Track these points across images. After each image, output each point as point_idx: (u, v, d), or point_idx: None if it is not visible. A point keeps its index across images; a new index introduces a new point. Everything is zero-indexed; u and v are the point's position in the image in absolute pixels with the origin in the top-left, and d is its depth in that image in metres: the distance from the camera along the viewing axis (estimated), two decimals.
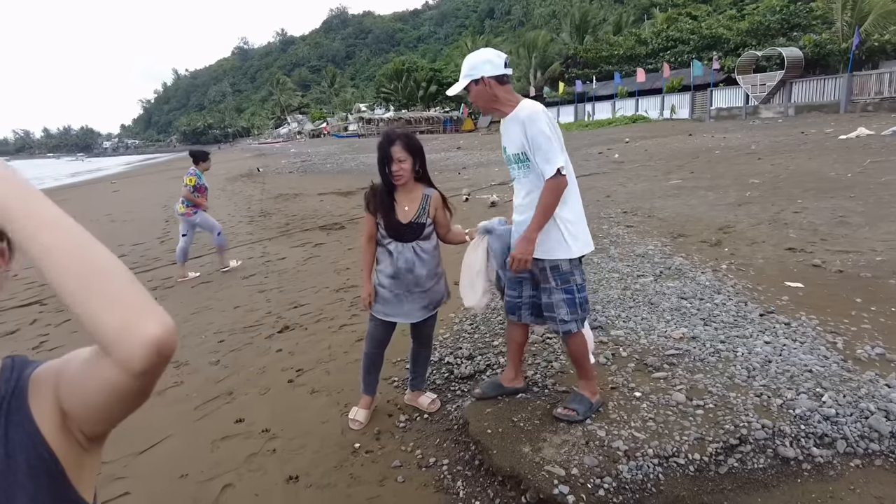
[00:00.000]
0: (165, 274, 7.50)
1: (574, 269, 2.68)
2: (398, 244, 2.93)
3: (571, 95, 41.87)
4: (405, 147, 2.88)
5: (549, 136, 2.49)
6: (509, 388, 3.07)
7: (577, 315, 2.70)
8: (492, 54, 2.67)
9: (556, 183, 2.50)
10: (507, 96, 2.67)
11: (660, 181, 10.90)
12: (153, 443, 3.25)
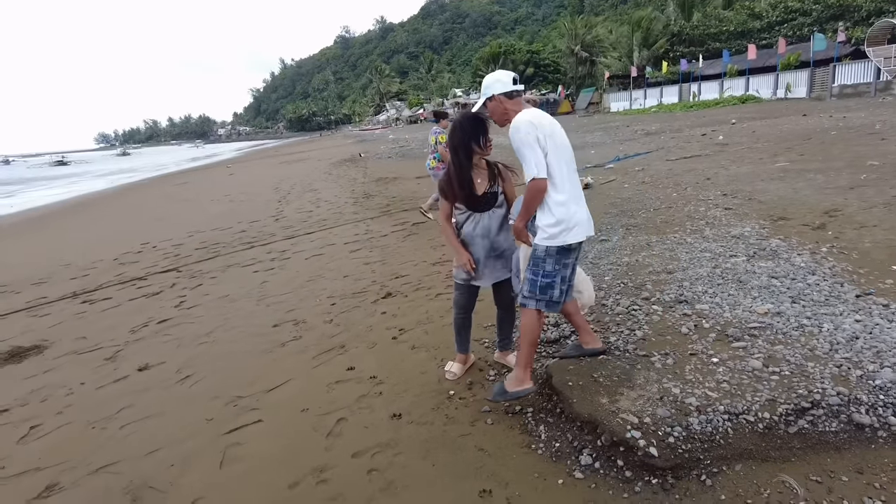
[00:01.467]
0: (282, 248, 8.33)
1: (547, 258, 2.94)
2: (476, 214, 3.28)
3: (675, 75, 39.96)
4: (483, 132, 3.25)
5: (521, 148, 2.81)
6: (588, 350, 3.35)
7: (534, 295, 2.99)
8: (501, 75, 3.01)
9: (530, 188, 2.82)
10: (515, 109, 2.95)
11: (765, 164, 10.43)
12: (279, 384, 3.84)
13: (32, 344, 5.30)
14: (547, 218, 2.90)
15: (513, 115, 2.93)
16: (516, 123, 2.84)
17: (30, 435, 3.61)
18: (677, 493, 2.40)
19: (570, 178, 2.94)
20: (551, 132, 2.87)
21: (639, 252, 5.51)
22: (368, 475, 2.75)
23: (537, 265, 2.96)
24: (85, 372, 4.52)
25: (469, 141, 3.19)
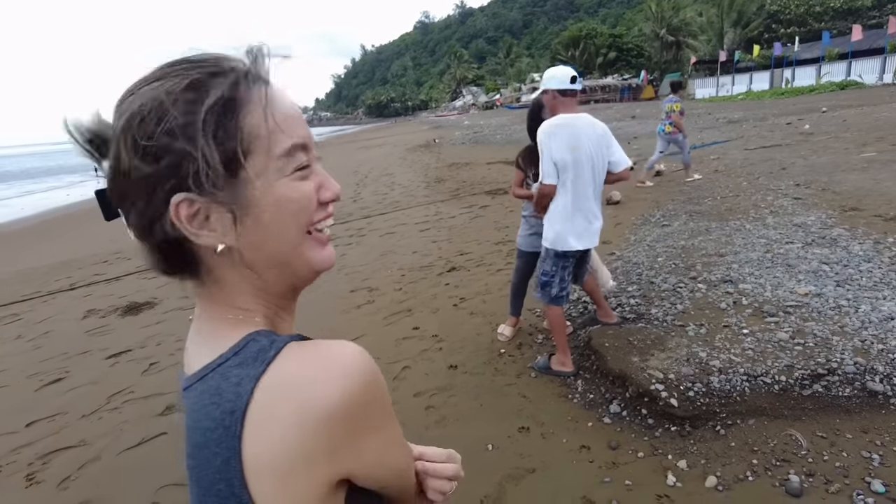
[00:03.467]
0: (359, 226, 8.99)
1: (548, 259, 3.31)
2: None
3: (768, 60, 37.75)
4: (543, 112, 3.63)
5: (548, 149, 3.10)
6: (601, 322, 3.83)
7: (538, 291, 3.38)
8: (559, 71, 3.22)
9: (539, 188, 3.20)
10: (562, 109, 3.20)
11: (849, 154, 10.05)
12: (354, 337, 4.40)
13: (145, 300, 6.16)
14: (549, 224, 3.27)
15: (558, 113, 3.21)
16: (541, 127, 3.15)
17: (150, 370, 4.35)
18: (692, 439, 2.72)
19: (584, 191, 3.17)
20: (577, 145, 3.08)
21: (696, 237, 5.68)
22: (426, 410, 3.24)
23: (541, 264, 3.39)
24: (189, 324, 5.27)
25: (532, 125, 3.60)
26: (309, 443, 0.52)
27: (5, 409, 3.96)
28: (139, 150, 0.54)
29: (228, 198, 0.57)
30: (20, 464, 3.23)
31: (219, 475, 0.54)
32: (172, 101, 0.54)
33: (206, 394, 0.56)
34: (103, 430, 3.50)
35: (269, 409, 0.52)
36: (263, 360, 0.55)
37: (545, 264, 3.34)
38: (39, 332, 5.54)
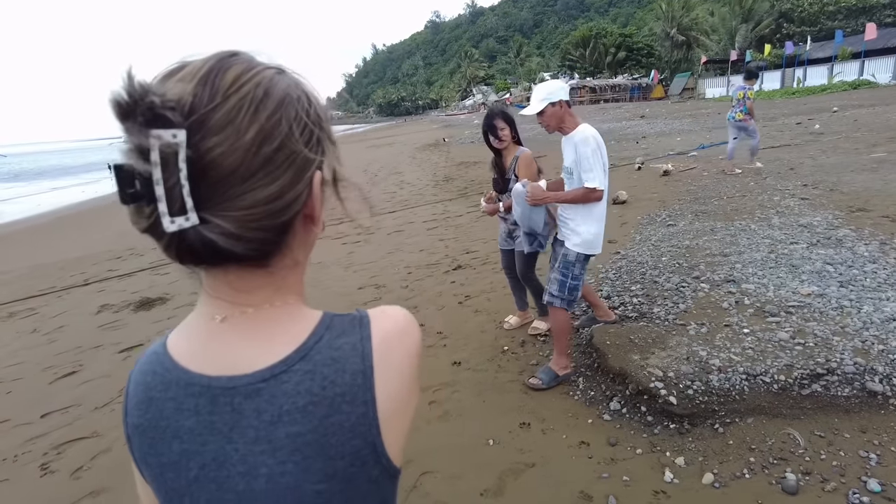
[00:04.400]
0: (367, 223, 9.05)
1: (577, 263, 3.24)
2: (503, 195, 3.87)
3: (779, 59, 37.46)
4: (503, 119, 3.73)
5: (591, 158, 3.05)
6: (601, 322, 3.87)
7: (562, 295, 3.25)
8: (563, 83, 3.26)
9: (587, 192, 3.09)
10: (571, 119, 3.20)
11: (859, 154, 10.01)
12: None
13: (157, 296, 6.27)
14: (590, 227, 3.21)
15: (569, 124, 3.19)
16: (586, 135, 3.10)
17: None
18: (691, 437, 2.76)
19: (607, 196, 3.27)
20: (604, 151, 3.17)
21: (701, 236, 5.70)
22: (430, 405, 3.30)
23: (567, 268, 3.25)
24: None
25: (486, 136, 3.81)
26: (415, 377, 0.66)
27: (21, 400, 4.06)
28: (300, 131, 0.57)
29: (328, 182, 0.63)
30: (35, 454, 3.32)
31: (352, 433, 0.59)
32: (309, 92, 0.60)
33: (321, 368, 0.60)
34: (115, 422, 3.59)
35: (386, 359, 0.62)
36: (363, 325, 0.64)
37: (574, 269, 3.24)
38: (54, 327, 5.65)
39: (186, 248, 0.54)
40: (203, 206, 0.52)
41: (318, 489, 0.59)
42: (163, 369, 0.63)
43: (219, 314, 0.62)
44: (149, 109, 0.48)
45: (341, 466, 0.59)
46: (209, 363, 0.61)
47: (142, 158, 0.49)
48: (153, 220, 0.52)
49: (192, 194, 0.51)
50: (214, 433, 0.59)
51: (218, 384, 0.60)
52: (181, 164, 0.50)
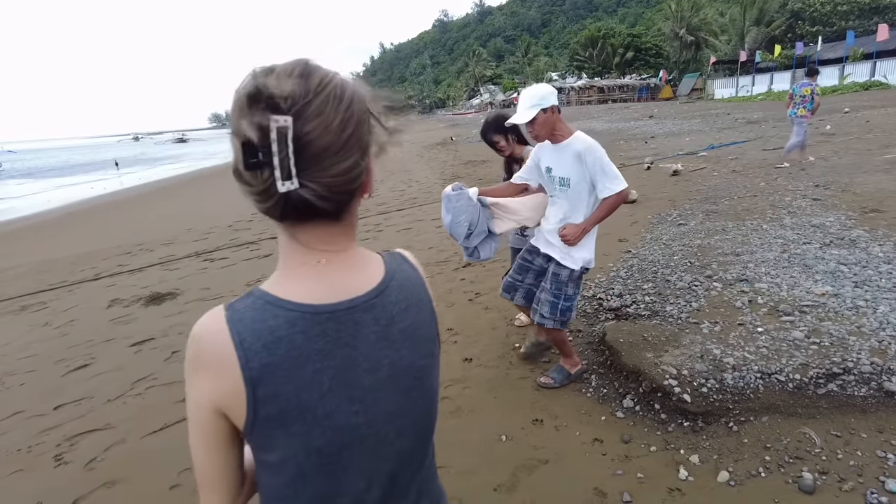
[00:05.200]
0: (376, 222, 9.08)
1: (570, 283, 3.02)
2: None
3: (789, 60, 37.21)
4: (495, 130, 3.56)
5: (607, 161, 2.86)
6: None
7: (554, 318, 3.05)
8: (551, 88, 2.95)
9: (619, 197, 2.88)
10: (562, 125, 2.95)
11: (872, 155, 9.92)
12: None
13: (167, 291, 6.29)
14: (590, 242, 3.04)
15: (562, 131, 2.95)
16: (589, 143, 2.90)
17: (172, 358, 4.46)
18: (704, 435, 2.74)
19: None
20: None
21: (712, 236, 5.67)
22: (442, 401, 3.29)
23: (560, 289, 3.03)
24: None
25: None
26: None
27: (34, 392, 4.09)
28: (364, 121, 0.75)
29: None
30: (49, 444, 3.34)
31: (430, 322, 0.91)
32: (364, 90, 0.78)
33: (404, 283, 0.87)
34: (128, 414, 3.61)
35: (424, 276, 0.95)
36: (405, 258, 0.94)
37: (568, 289, 3.05)
38: (66, 320, 5.69)
39: (291, 206, 0.71)
40: (302, 174, 0.69)
41: (423, 364, 0.87)
42: (284, 311, 0.75)
43: (319, 259, 0.79)
44: (269, 99, 0.67)
45: (431, 346, 0.90)
46: (327, 295, 0.78)
47: (263, 136, 0.66)
48: (268, 184, 0.68)
49: (296, 165, 0.67)
50: (341, 346, 0.77)
51: (340, 307, 0.78)
52: (289, 142, 0.66)
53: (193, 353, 0.74)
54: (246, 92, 0.68)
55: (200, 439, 0.77)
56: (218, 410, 0.74)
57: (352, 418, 0.78)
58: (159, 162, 38.40)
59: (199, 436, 0.76)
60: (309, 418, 0.75)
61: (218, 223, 10.49)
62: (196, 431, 0.76)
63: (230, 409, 0.74)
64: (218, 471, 0.79)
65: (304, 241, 0.77)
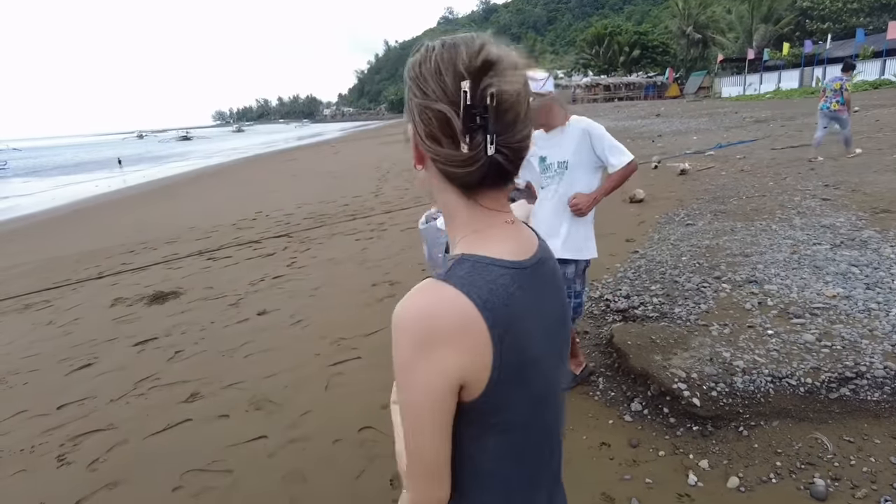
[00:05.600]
0: (380, 220, 9.04)
1: (577, 278, 2.94)
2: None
3: (797, 58, 36.95)
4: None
5: (608, 135, 2.84)
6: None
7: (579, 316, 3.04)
8: (545, 73, 2.90)
9: (629, 168, 2.84)
10: (560, 110, 2.87)
11: (882, 154, 9.83)
12: (375, 330, 4.45)
13: (171, 290, 6.28)
14: (590, 229, 2.95)
15: (558, 115, 2.87)
16: (590, 122, 2.87)
17: (175, 357, 4.44)
18: (714, 440, 2.70)
19: None
20: None
21: (721, 236, 5.61)
22: None
23: (570, 287, 2.93)
24: (213, 314, 5.37)
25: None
26: None
27: (37, 392, 4.08)
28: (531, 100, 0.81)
29: None
30: (52, 445, 3.33)
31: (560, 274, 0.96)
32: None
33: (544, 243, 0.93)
34: (130, 414, 3.59)
35: None
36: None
37: (577, 284, 2.96)
38: (69, 319, 5.68)
39: (494, 169, 0.75)
40: (498, 140, 0.73)
41: (566, 301, 0.96)
42: (504, 270, 0.78)
43: (506, 220, 0.84)
44: (497, 66, 0.73)
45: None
46: (521, 252, 0.83)
47: (483, 100, 0.71)
48: (477, 149, 0.72)
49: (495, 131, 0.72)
50: (539, 298, 0.83)
51: (532, 263, 0.83)
52: (497, 108, 0.72)
53: (425, 331, 0.72)
54: (481, 59, 0.72)
55: (432, 424, 0.75)
56: (456, 384, 0.74)
57: (552, 364, 0.86)
58: (163, 160, 38.46)
59: (430, 421, 0.75)
60: (535, 367, 0.80)
61: (221, 221, 10.47)
62: (427, 417, 0.75)
63: (472, 375, 0.74)
64: (444, 457, 0.78)
65: (488, 204, 0.81)
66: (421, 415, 0.74)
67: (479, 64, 0.71)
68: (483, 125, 0.71)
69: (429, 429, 0.75)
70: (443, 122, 0.73)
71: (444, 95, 0.73)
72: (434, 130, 0.74)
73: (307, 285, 5.92)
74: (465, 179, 0.77)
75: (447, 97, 0.72)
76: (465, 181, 0.77)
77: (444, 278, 0.75)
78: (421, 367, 0.72)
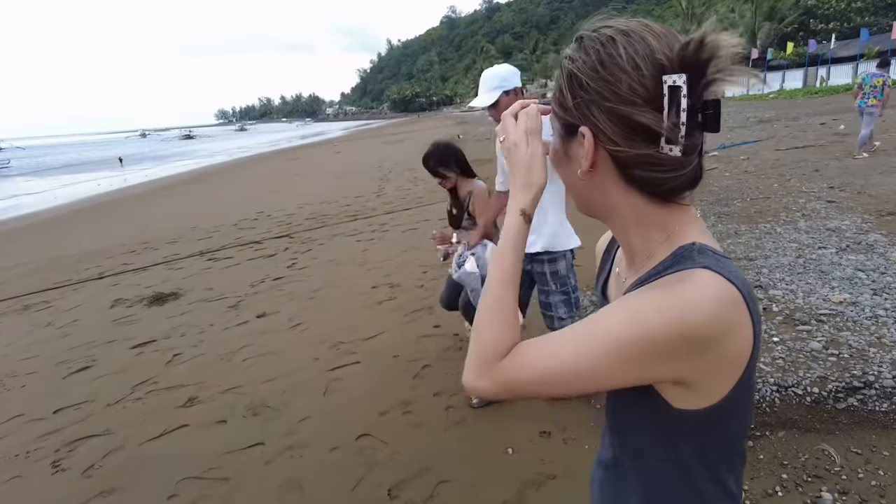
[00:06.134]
0: (381, 221, 9.00)
1: (569, 273, 2.86)
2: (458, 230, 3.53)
3: (801, 57, 36.80)
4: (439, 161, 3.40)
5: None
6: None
7: (572, 312, 2.90)
8: (513, 68, 2.81)
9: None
10: None
11: (887, 156, 9.76)
12: (375, 334, 4.40)
13: (171, 291, 6.24)
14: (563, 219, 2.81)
15: None
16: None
17: (173, 361, 4.40)
18: None
19: None
20: None
21: (724, 239, 5.55)
22: (446, 411, 3.22)
23: (565, 283, 2.86)
24: (213, 316, 5.33)
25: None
26: None
27: (34, 395, 4.04)
28: None
29: None
30: (47, 450, 3.29)
31: None
32: None
33: None
34: (127, 419, 3.55)
35: None
36: None
37: (570, 279, 2.86)
38: (68, 320, 5.65)
39: (700, 169, 0.71)
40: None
41: None
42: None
43: (696, 214, 0.76)
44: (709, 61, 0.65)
45: None
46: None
47: (698, 102, 0.66)
48: (695, 150, 0.69)
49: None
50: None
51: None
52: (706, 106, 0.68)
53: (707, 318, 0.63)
54: (733, 51, 0.65)
55: (629, 366, 0.66)
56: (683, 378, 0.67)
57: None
58: (166, 159, 38.49)
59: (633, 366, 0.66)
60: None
61: (223, 221, 10.45)
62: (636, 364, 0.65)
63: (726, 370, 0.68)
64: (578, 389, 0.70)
65: (679, 200, 0.74)
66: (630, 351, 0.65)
67: (732, 57, 0.65)
68: (702, 123, 0.66)
69: (619, 365, 0.66)
70: (644, 124, 0.66)
71: (646, 93, 0.66)
72: (631, 133, 0.67)
73: (307, 287, 5.88)
74: (671, 185, 0.70)
75: (648, 94, 0.66)
76: (670, 186, 0.70)
77: (702, 266, 0.67)
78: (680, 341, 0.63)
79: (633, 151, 0.68)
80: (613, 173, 0.72)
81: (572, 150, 0.76)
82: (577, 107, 0.72)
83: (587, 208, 0.81)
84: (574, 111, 0.73)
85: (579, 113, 0.72)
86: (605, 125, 0.69)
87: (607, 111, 0.68)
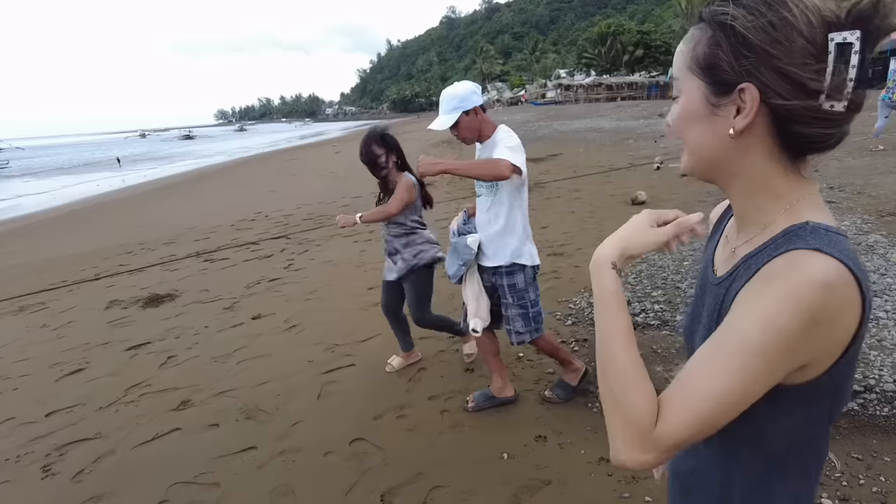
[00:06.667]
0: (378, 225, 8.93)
1: (528, 287, 2.86)
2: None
3: None
4: (381, 145, 3.43)
5: (513, 147, 2.63)
6: (500, 399, 3.19)
7: (530, 328, 2.90)
8: (473, 86, 2.77)
9: (496, 164, 2.57)
10: (488, 125, 2.79)
11: (888, 156, 9.73)
12: (370, 336, 4.37)
13: (166, 292, 6.21)
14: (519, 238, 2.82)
15: (488, 130, 2.82)
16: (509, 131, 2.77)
17: (167, 363, 4.36)
18: None
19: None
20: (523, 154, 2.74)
21: None
22: (441, 414, 3.18)
23: (523, 297, 2.87)
24: (208, 317, 5.29)
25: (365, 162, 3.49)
26: None
27: (27, 398, 4.00)
28: None
29: None
30: (38, 454, 3.25)
31: None
32: None
33: None
34: (119, 423, 3.51)
35: None
36: None
37: (530, 293, 2.88)
38: (63, 322, 5.61)
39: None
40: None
41: None
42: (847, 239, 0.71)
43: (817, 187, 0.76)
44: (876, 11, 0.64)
45: None
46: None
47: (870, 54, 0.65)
48: (858, 102, 0.67)
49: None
50: None
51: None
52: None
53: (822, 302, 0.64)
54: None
55: (774, 369, 0.67)
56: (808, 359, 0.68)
57: None
58: (166, 160, 38.47)
59: (777, 368, 0.67)
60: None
61: (220, 222, 10.41)
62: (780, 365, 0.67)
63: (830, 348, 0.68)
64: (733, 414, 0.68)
65: (802, 170, 0.75)
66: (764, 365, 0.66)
67: (873, 10, 0.64)
68: (870, 78, 0.65)
69: (753, 386, 0.67)
70: (811, 79, 0.66)
71: (815, 50, 0.65)
72: (797, 89, 0.66)
73: (303, 289, 5.84)
74: (832, 141, 0.70)
75: (817, 51, 0.65)
76: (832, 142, 0.71)
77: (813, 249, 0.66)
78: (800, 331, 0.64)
79: (802, 104, 0.67)
80: (767, 132, 0.72)
81: (723, 108, 0.73)
82: (741, 65, 0.70)
83: (709, 170, 0.80)
84: (735, 69, 0.71)
85: (742, 70, 0.70)
86: (772, 82, 0.68)
87: (776, 70, 0.67)
